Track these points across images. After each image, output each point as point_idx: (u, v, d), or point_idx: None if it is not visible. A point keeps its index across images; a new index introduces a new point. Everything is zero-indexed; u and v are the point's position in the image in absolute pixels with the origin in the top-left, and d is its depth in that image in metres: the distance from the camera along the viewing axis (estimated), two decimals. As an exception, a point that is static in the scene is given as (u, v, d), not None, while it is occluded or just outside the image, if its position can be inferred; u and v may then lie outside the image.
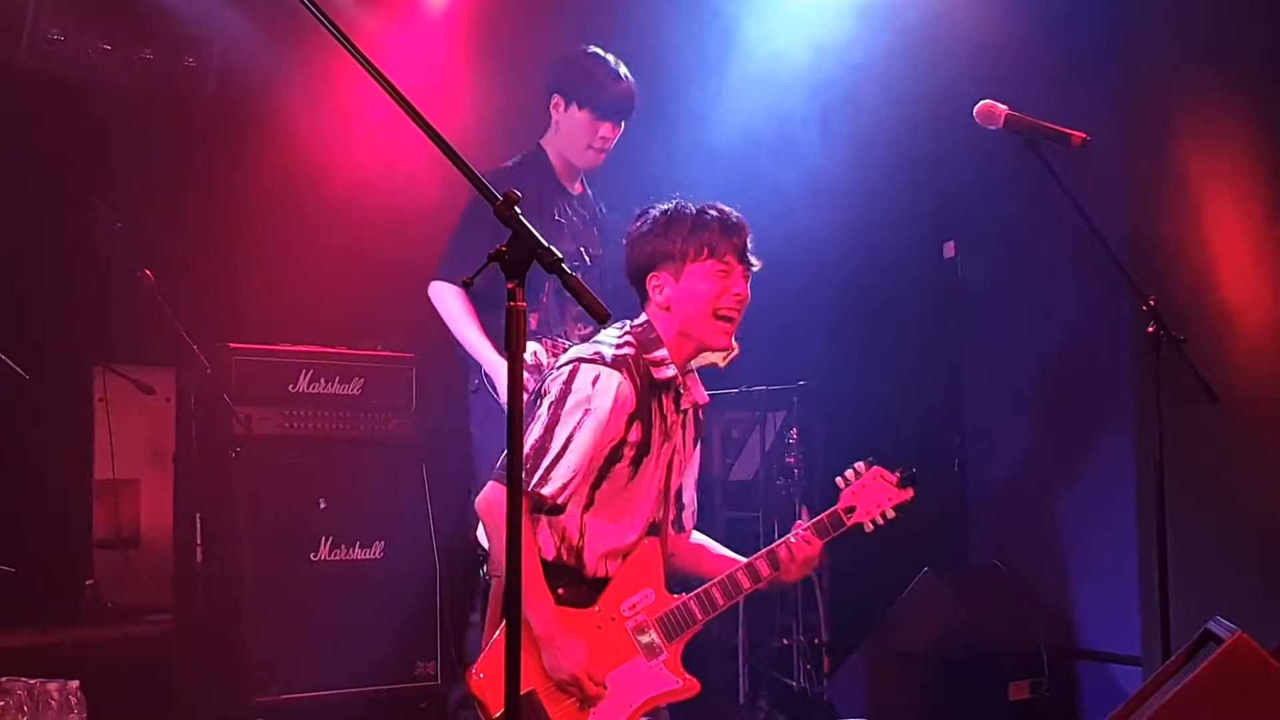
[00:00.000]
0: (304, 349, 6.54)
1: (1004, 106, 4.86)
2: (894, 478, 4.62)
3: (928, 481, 4.76)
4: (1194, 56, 6.29)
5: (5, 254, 7.05)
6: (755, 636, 7.08)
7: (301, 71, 7.24)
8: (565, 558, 4.40)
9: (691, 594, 4.48)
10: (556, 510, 4.31)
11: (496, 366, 5.50)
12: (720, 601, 4.49)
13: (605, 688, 4.33)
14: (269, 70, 7.49)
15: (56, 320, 7.23)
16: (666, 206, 4.51)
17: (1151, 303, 4.93)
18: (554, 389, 4.33)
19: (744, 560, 4.55)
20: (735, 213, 4.50)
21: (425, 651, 6.39)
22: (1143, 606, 6.11)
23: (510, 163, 5.78)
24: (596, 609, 4.42)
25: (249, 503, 6.15)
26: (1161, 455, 4.99)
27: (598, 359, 4.35)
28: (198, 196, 7.49)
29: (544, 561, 4.34)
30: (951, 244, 7.35)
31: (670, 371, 4.44)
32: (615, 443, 4.36)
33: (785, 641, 7.00)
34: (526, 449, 4.26)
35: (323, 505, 6.27)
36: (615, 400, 4.30)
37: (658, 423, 4.45)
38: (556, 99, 5.75)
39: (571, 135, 5.77)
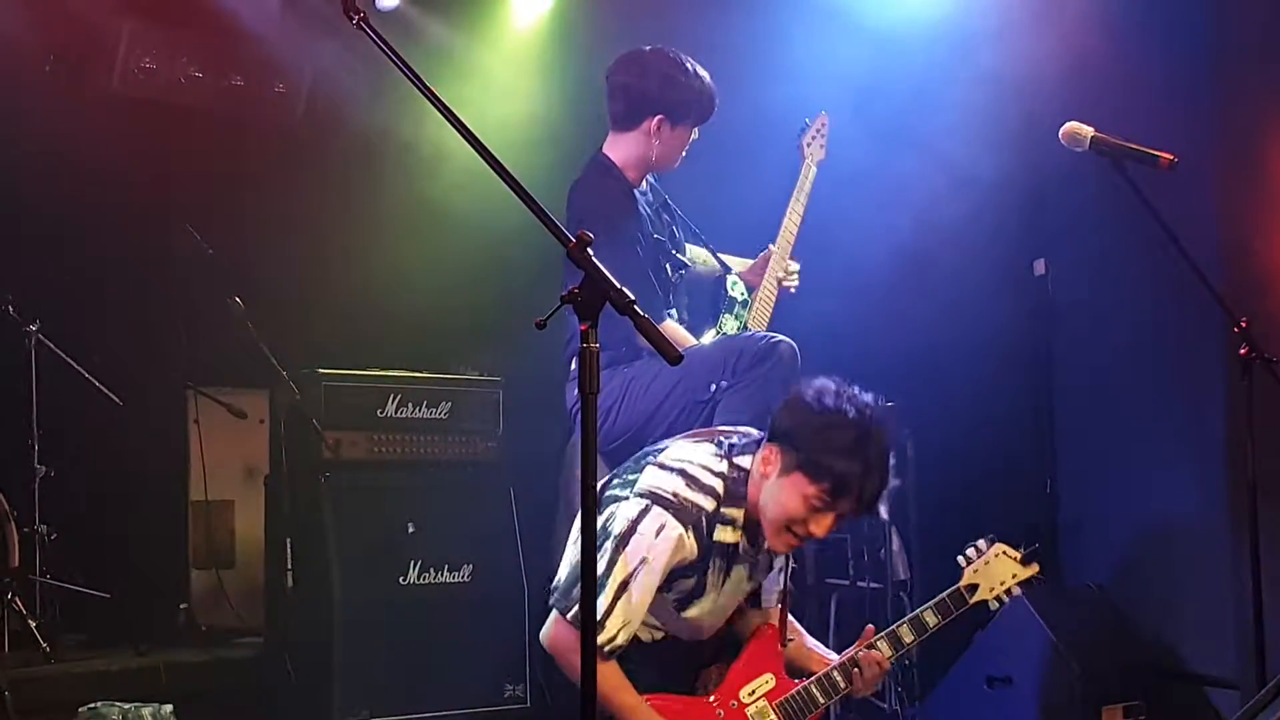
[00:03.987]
0: (391, 374, 6.56)
1: (1090, 128, 4.82)
2: (1017, 555, 4.59)
3: (1020, 501, 4.74)
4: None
5: (100, 280, 7.16)
6: (846, 658, 7.03)
7: (391, 97, 7.28)
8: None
9: (812, 678, 4.47)
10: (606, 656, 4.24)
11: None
12: (842, 685, 4.49)
13: None
14: (358, 96, 7.54)
15: (150, 345, 7.33)
16: (832, 403, 4.28)
17: (1244, 324, 4.86)
18: (620, 522, 4.27)
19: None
20: (883, 452, 4.25)
21: (514, 674, 6.38)
22: (1238, 629, 6.01)
23: (582, 176, 5.73)
24: (714, 698, 4.42)
25: (338, 527, 6.17)
26: (1255, 477, 4.94)
27: (671, 504, 4.27)
28: (287, 221, 7.56)
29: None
30: (1042, 261, 7.26)
31: (730, 538, 4.37)
32: (666, 580, 4.31)
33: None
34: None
35: (411, 529, 6.27)
36: (672, 553, 4.25)
37: (715, 571, 4.39)
38: (660, 120, 5.65)
39: (674, 150, 5.76)
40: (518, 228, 6.20)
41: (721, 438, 4.53)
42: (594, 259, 2.87)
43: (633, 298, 2.84)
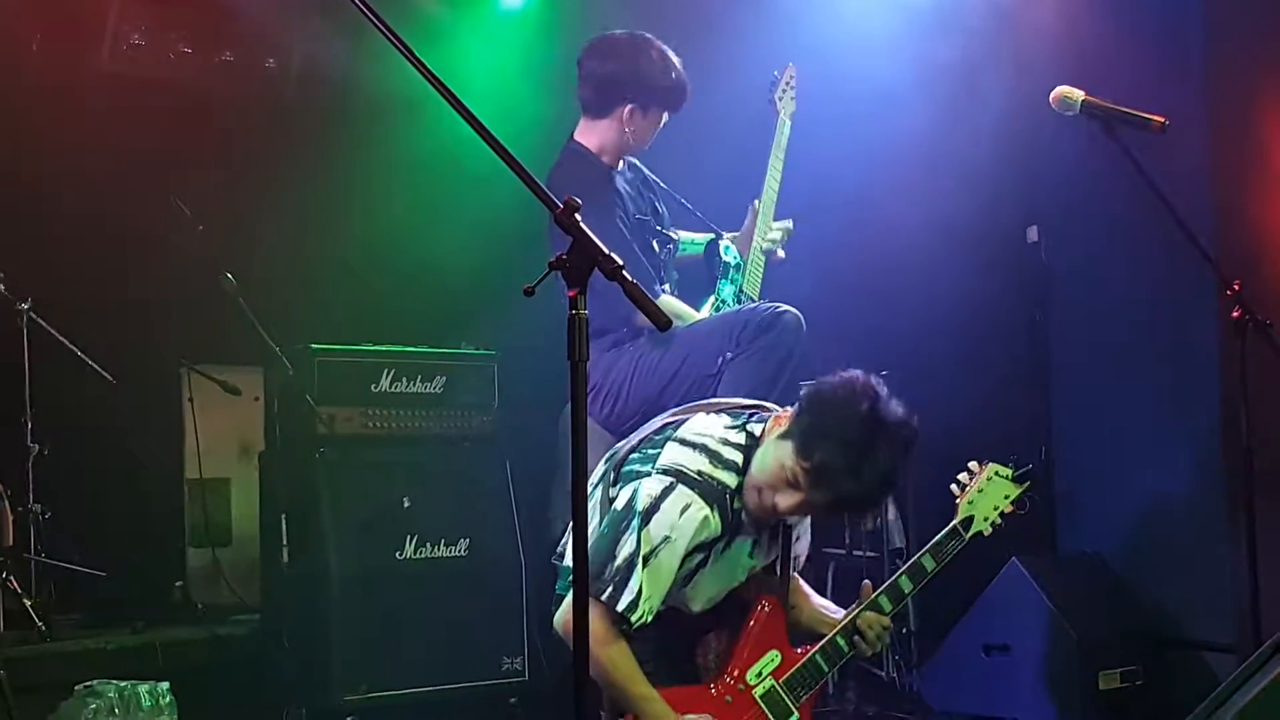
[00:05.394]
0: (385, 348, 6.54)
1: (1080, 92, 4.80)
2: (1009, 472, 4.55)
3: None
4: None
5: (91, 257, 7.12)
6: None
7: (382, 72, 7.24)
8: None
9: (815, 647, 4.44)
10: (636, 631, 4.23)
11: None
12: (846, 650, 4.44)
13: None
14: (350, 71, 7.51)
15: (143, 323, 7.31)
16: (849, 392, 4.17)
17: (1236, 287, 4.86)
18: (643, 498, 4.22)
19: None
20: (882, 469, 4.12)
21: (512, 647, 6.38)
22: (1234, 593, 6.02)
23: (556, 165, 5.71)
24: (718, 686, 4.37)
25: (334, 502, 6.16)
26: (1249, 441, 4.94)
27: (697, 482, 4.24)
28: (278, 197, 7.54)
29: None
30: (1035, 228, 7.26)
31: (737, 504, 4.32)
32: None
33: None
34: (619, 559, 4.18)
35: (407, 504, 6.26)
36: (696, 532, 4.21)
37: (719, 544, 4.35)
38: (631, 109, 5.65)
39: (646, 134, 5.75)
40: (512, 202, 6.22)
41: (739, 409, 4.50)
42: (581, 224, 2.86)
43: (621, 263, 2.82)
